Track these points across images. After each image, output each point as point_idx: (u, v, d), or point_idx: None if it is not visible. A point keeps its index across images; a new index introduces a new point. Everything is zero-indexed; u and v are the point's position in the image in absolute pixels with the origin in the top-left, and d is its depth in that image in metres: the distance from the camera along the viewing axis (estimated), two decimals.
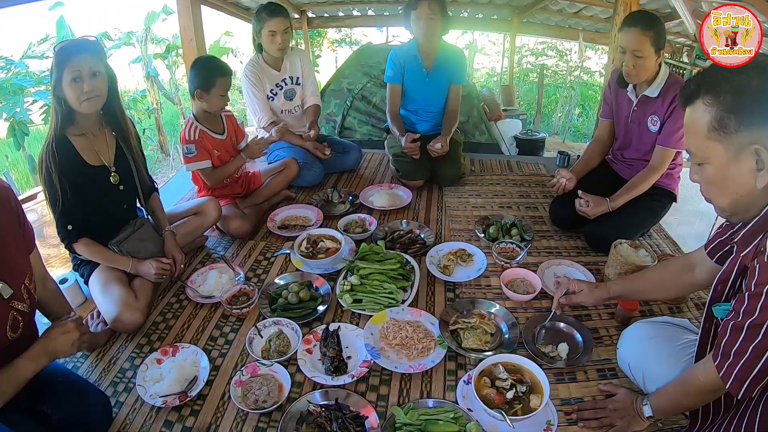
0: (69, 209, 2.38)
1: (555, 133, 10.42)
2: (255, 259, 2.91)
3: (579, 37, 7.06)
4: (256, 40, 3.68)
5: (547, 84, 11.52)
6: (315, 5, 7.10)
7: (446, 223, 3.17)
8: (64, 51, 2.27)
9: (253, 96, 3.68)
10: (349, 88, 5.45)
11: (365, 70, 5.42)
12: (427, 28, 3.46)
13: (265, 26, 3.54)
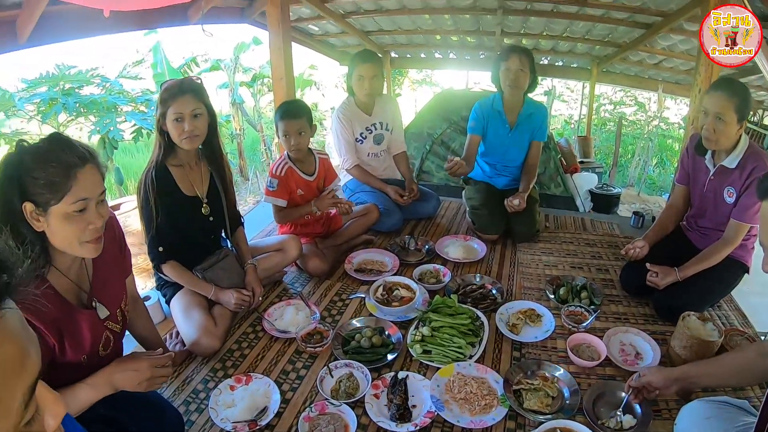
0: (161, 233, 2.57)
1: (630, 184, 10.23)
2: (330, 299, 3.00)
3: (659, 89, 6.98)
4: (349, 83, 3.82)
5: (624, 133, 11.36)
6: (398, 47, 7.28)
7: (518, 279, 3.18)
8: (169, 90, 2.48)
9: (341, 137, 3.81)
10: (429, 133, 5.56)
11: (446, 116, 5.52)
12: (515, 80, 3.53)
13: (355, 70, 3.70)
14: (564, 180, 5.31)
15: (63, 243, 1.63)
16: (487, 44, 6.82)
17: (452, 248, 3.47)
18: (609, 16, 5.22)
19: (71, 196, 1.56)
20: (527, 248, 3.57)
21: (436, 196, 4.17)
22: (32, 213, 1.55)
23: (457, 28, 6.28)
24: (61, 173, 1.55)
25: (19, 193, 1.54)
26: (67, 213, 1.58)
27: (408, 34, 6.66)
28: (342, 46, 7.32)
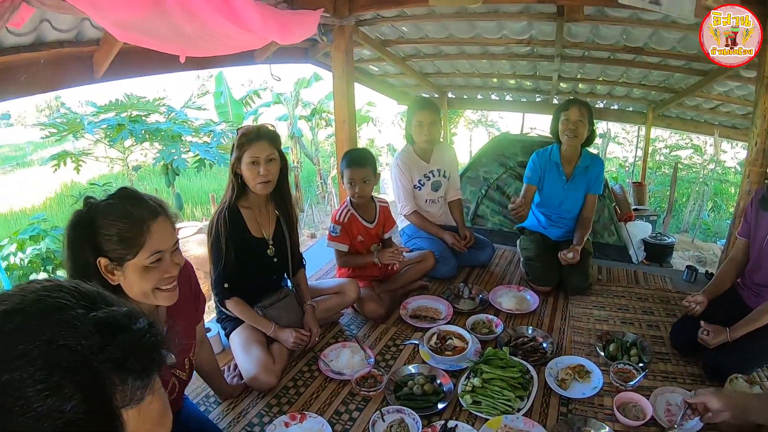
0: (228, 270, 2.71)
1: (684, 230, 10.08)
2: (385, 344, 3.08)
3: (715, 133, 6.90)
4: (408, 131, 3.94)
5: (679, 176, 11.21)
6: (455, 88, 7.40)
7: (569, 333, 3.19)
8: (247, 136, 2.65)
9: (400, 184, 3.92)
10: (485, 177, 5.63)
11: (501, 161, 5.58)
12: (574, 131, 3.60)
13: (414, 117, 3.83)
14: (618, 229, 5.30)
15: (139, 294, 1.69)
16: (543, 88, 6.89)
17: (505, 299, 3.51)
18: (665, 63, 5.25)
19: (146, 250, 1.63)
20: (579, 301, 3.57)
21: (491, 245, 4.22)
22: (107, 267, 1.61)
23: (515, 72, 6.37)
24: (135, 229, 1.61)
25: (92, 250, 1.60)
26: (143, 266, 1.64)
27: (466, 76, 6.79)
28: (400, 86, 7.48)
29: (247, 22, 2.64)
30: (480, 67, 6.32)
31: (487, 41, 5.20)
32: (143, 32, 2.23)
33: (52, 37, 2.77)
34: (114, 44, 2.94)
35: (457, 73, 6.64)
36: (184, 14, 2.25)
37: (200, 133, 7.14)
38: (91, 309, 0.69)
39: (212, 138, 7.11)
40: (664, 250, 5.72)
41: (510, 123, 12.82)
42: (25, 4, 1.77)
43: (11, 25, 1.79)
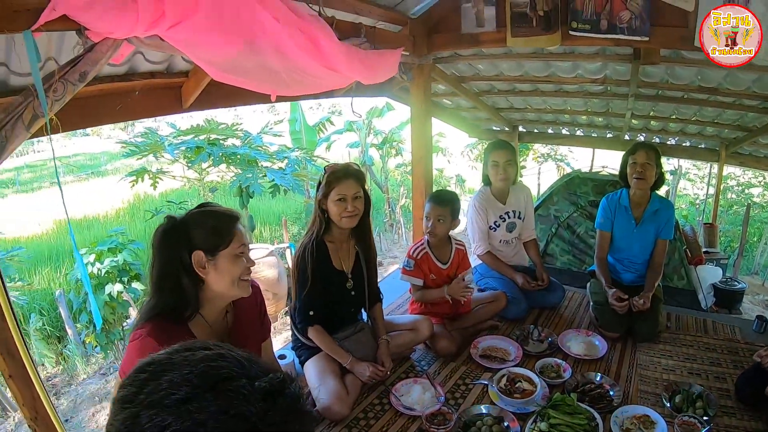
0: (313, 299, 2.84)
1: (755, 272, 9.78)
2: (455, 382, 3.14)
3: None
4: (484, 171, 4.01)
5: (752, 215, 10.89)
6: (527, 122, 7.43)
7: (635, 381, 3.16)
8: (336, 174, 2.81)
9: (476, 225, 3.99)
10: (555, 215, 5.65)
11: (573, 199, 5.59)
12: (642, 174, 3.61)
13: (490, 157, 3.90)
14: (688, 272, 5.23)
15: (226, 283, 1.95)
16: (615, 124, 6.85)
17: (574, 343, 3.51)
18: (740, 103, 5.18)
19: (236, 242, 1.93)
20: (647, 349, 3.53)
21: (561, 287, 4.23)
22: (199, 260, 1.87)
23: (587, 108, 6.37)
24: (227, 223, 1.92)
25: (186, 246, 1.86)
26: (234, 254, 1.92)
27: (538, 112, 6.82)
28: (472, 119, 7.56)
29: (335, 64, 2.76)
30: (553, 103, 6.35)
31: (561, 80, 5.23)
32: (238, 72, 2.35)
33: (144, 68, 2.92)
34: (203, 77, 3.07)
35: (529, 108, 6.68)
36: (276, 54, 2.37)
37: (275, 159, 7.39)
38: (254, 378, 0.75)
39: (287, 164, 7.35)
40: (734, 297, 5.60)
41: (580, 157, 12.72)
42: (127, 43, 1.92)
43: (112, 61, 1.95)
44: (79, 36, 1.75)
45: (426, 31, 4.18)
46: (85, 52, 1.83)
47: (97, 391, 6.75)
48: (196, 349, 0.81)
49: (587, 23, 3.54)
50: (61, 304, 7.83)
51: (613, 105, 6.06)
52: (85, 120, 2.82)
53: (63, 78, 1.79)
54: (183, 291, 1.89)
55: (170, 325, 1.87)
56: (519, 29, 3.72)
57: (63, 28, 1.70)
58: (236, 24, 2.11)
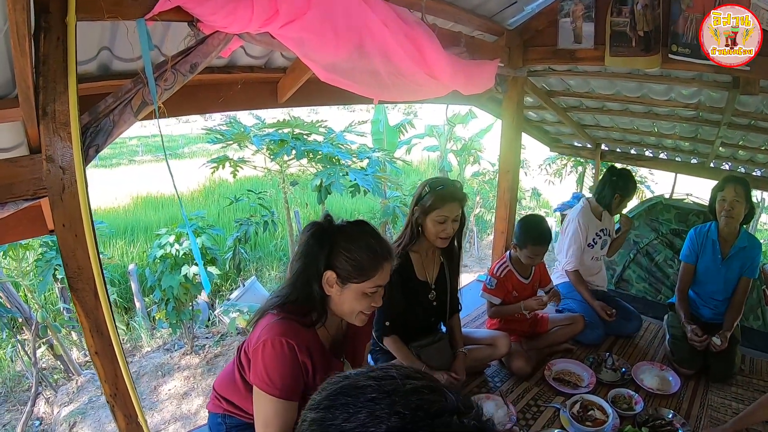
0: (391, 309, 2.85)
1: None
2: (527, 402, 3.13)
3: None
4: (608, 197, 3.98)
5: None
6: (610, 141, 7.28)
7: (704, 422, 3.08)
8: (442, 196, 2.79)
9: (574, 241, 3.95)
10: (635, 241, 5.54)
11: (654, 226, 5.48)
12: (730, 210, 3.51)
13: (621, 194, 3.95)
14: (764, 313, 5.02)
15: (344, 310, 1.98)
16: (701, 150, 6.64)
17: (647, 376, 3.44)
18: None
19: (372, 282, 1.92)
20: (720, 390, 3.43)
21: (639, 317, 4.16)
22: (330, 280, 1.89)
23: (675, 132, 6.20)
24: (372, 261, 1.90)
25: (325, 262, 1.89)
26: (363, 292, 1.92)
27: (623, 132, 6.68)
28: (555, 134, 7.46)
29: (438, 72, 2.77)
30: (640, 125, 6.21)
31: (653, 102, 5.11)
32: (345, 74, 2.38)
33: (244, 61, 2.98)
34: (301, 75, 3.11)
35: (615, 127, 6.55)
36: (383, 59, 2.40)
37: (356, 158, 7.49)
38: (460, 413, 0.77)
39: (368, 165, 7.43)
40: None
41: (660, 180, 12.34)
42: (237, 38, 1.96)
43: (221, 54, 2.00)
44: (191, 28, 1.81)
45: (522, 43, 4.15)
46: (197, 44, 1.88)
47: (161, 365, 6.99)
48: (404, 378, 0.81)
49: (687, 47, 3.44)
50: (132, 278, 8.16)
51: (703, 131, 5.87)
52: (186, 108, 2.90)
53: (174, 68, 1.85)
54: (311, 295, 1.93)
55: (300, 328, 1.93)
56: (618, 48, 3.65)
57: (176, 18, 1.75)
58: (347, 26, 2.15)
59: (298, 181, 8.33)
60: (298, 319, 1.93)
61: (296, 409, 1.93)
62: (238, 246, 7.51)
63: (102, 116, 1.77)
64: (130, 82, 1.81)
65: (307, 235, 1.95)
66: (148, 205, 14.44)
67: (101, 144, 1.79)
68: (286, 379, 1.87)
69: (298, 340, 1.88)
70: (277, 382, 1.86)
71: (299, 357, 1.88)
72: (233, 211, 11.47)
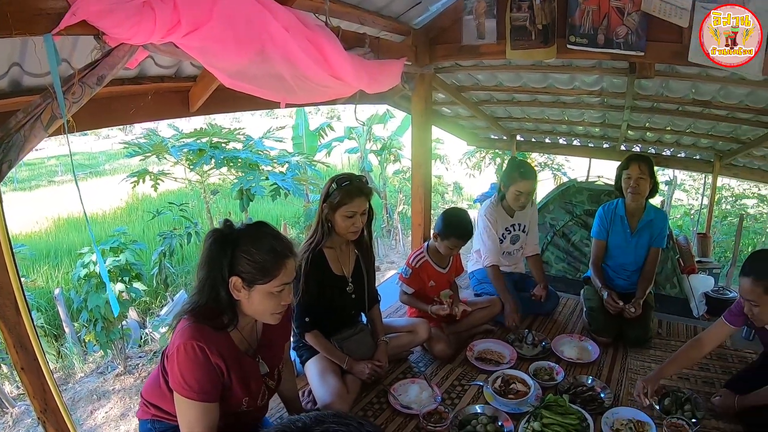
0: (310, 305, 2.93)
1: None
2: (451, 383, 3.24)
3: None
4: (502, 191, 4.05)
5: (745, 227, 11.01)
6: (524, 131, 7.53)
7: (626, 385, 3.26)
8: (348, 193, 2.85)
9: (488, 237, 4.02)
10: (551, 224, 5.76)
11: (568, 208, 5.70)
12: (636, 187, 3.73)
13: (514, 185, 3.92)
14: (680, 281, 5.32)
15: (256, 312, 2.03)
16: (611, 135, 6.94)
17: (567, 347, 3.61)
18: (733, 116, 5.28)
19: (277, 281, 1.95)
20: (638, 354, 3.63)
21: (556, 295, 4.34)
22: (236, 285, 1.92)
23: (584, 119, 6.47)
24: (275, 262, 1.93)
25: (229, 268, 1.91)
26: (269, 292, 1.95)
27: (535, 122, 6.92)
28: (470, 128, 7.64)
29: (341, 73, 2.84)
30: (550, 114, 6.44)
31: (559, 91, 5.33)
32: (248, 79, 2.41)
33: (154, 72, 2.98)
34: (210, 82, 3.13)
35: (527, 118, 6.77)
36: (285, 63, 2.44)
37: (275, 163, 7.50)
38: None
39: (287, 169, 7.46)
40: (725, 305, 5.59)
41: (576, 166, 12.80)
42: (142, 49, 1.98)
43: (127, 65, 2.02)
44: (97, 41, 1.83)
45: (428, 41, 4.27)
46: (103, 56, 1.90)
47: (95, 389, 6.83)
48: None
49: (584, 37, 3.64)
50: (59, 302, 7.89)
51: (610, 116, 6.16)
52: (99, 121, 2.88)
53: (81, 81, 1.86)
54: (219, 300, 1.96)
55: (212, 331, 1.96)
56: (518, 42, 3.82)
57: (82, 32, 1.77)
58: (248, 33, 2.19)
59: (219, 189, 8.28)
60: (210, 322, 1.96)
61: (217, 409, 1.98)
62: (163, 260, 7.38)
63: (13, 132, 1.77)
64: (39, 97, 1.81)
65: (209, 242, 1.97)
66: (71, 226, 13.97)
67: (14, 160, 1.79)
68: (203, 382, 1.91)
69: (209, 342, 1.91)
70: (194, 385, 1.90)
71: (212, 359, 1.92)
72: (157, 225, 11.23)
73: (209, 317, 1.97)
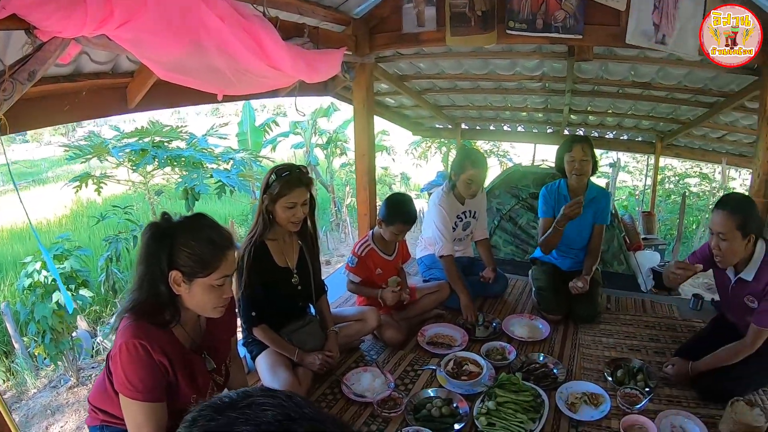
0: (255, 299, 2.88)
1: None
2: (404, 369, 3.24)
3: (722, 162, 6.99)
4: (453, 180, 4.00)
5: (689, 204, 11.32)
6: (469, 119, 7.60)
7: (578, 360, 3.32)
8: (288, 183, 2.80)
9: (442, 226, 3.95)
10: (498, 208, 5.81)
11: (514, 192, 5.77)
12: (579, 169, 3.78)
13: (465, 173, 3.87)
14: (627, 258, 5.45)
15: (197, 306, 1.98)
16: (554, 120, 7.07)
17: (518, 327, 3.66)
18: (672, 96, 5.42)
19: (218, 274, 1.90)
20: (588, 329, 3.70)
21: (504, 278, 4.36)
22: (176, 279, 1.87)
23: (527, 105, 6.56)
24: (214, 254, 1.88)
25: (168, 262, 1.86)
26: (210, 285, 1.90)
27: (479, 109, 6.98)
28: (415, 117, 7.69)
29: (278, 62, 2.80)
30: (493, 101, 6.52)
31: (500, 77, 5.39)
32: (184, 71, 2.37)
33: (90, 68, 2.89)
34: (148, 77, 3.06)
35: (470, 105, 6.84)
36: (221, 54, 2.40)
37: (220, 160, 7.37)
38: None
39: (232, 165, 7.34)
40: None
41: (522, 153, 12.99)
42: (74, 42, 1.93)
43: (59, 60, 1.96)
44: (28, 35, 1.76)
45: (368, 30, 4.27)
46: (34, 51, 1.83)
47: (49, 404, 6.61)
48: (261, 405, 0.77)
49: (523, 22, 3.68)
50: (6, 316, 7.55)
51: (552, 101, 6.27)
52: (33, 121, 2.78)
53: (12, 77, 1.80)
54: (160, 296, 1.90)
55: (154, 328, 1.90)
56: (458, 29, 3.84)
57: (12, 27, 1.71)
58: (182, 24, 2.14)
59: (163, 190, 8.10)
60: (151, 319, 1.91)
61: (164, 408, 1.93)
62: (110, 266, 7.16)
63: None
64: None
65: (146, 237, 1.91)
66: (15, 237, 13.45)
67: None
68: (147, 381, 1.86)
69: (151, 340, 1.86)
70: (138, 385, 1.84)
71: (155, 357, 1.86)
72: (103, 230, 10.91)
73: (150, 314, 1.91)
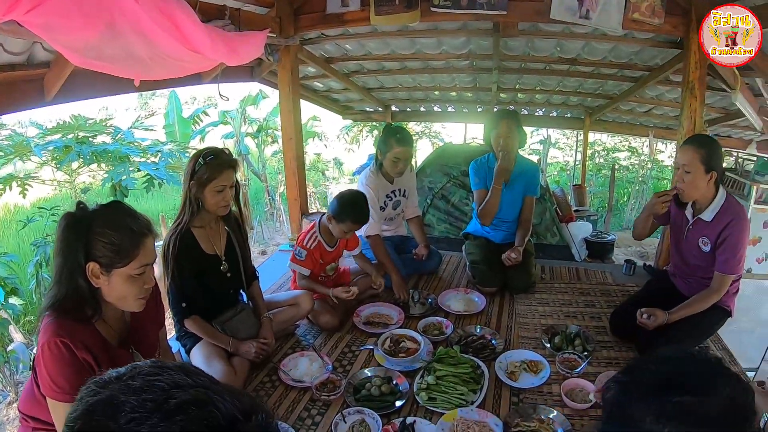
0: (184, 290, 2.79)
1: (626, 227, 10.46)
2: (341, 351, 3.19)
3: (649, 135, 7.20)
4: (380, 159, 3.94)
5: (619, 177, 11.65)
6: (398, 101, 7.60)
7: (516, 330, 3.35)
8: (215, 166, 2.72)
9: (371, 206, 3.82)
10: (430, 187, 5.81)
11: (445, 170, 5.78)
12: (506, 145, 3.77)
13: (391, 151, 3.81)
14: (560, 230, 5.55)
15: (118, 299, 1.89)
16: (484, 99, 7.14)
17: (453, 301, 3.66)
18: (599, 72, 5.53)
19: (137, 262, 1.82)
20: (524, 299, 3.75)
21: (438, 254, 4.37)
22: (94, 271, 1.78)
23: (455, 84, 6.59)
24: (131, 241, 1.80)
25: (84, 253, 1.77)
26: (129, 275, 1.82)
27: (408, 90, 6.99)
28: (345, 101, 7.66)
29: (197, 45, 2.72)
30: (422, 81, 6.52)
31: (427, 56, 5.40)
32: (99, 57, 2.27)
33: (4, 60, 2.79)
34: (65, 67, 2.96)
35: (399, 87, 6.84)
36: (137, 37, 2.32)
37: (148, 154, 7.15)
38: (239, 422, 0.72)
39: (160, 158, 7.13)
40: (605, 247, 6.03)
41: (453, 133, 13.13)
42: None
43: None
44: None
45: (292, 11, 4.21)
46: None
47: None
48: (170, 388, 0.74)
49: (448, 0, 3.67)
50: None
51: (480, 79, 6.32)
52: None
53: None
54: (79, 289, 1.81)
55: (75, 324, 1.81)
56: (382, 7, 3.83)
57: None
58: (95, 6, 2.05)
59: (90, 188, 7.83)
60: (72, 315, 1.81)
61: None
62: (40, 272, 6.88)
63: None
64: None
65: (62, 227, 1.81)
66: None
67: None
68: (73, 381, 1.76)
69: (73, 337, 1.77)
70: (64, 386, 1.76)
71: (78, 355, 1.77)
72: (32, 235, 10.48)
73: (71, 310, 1.81)
